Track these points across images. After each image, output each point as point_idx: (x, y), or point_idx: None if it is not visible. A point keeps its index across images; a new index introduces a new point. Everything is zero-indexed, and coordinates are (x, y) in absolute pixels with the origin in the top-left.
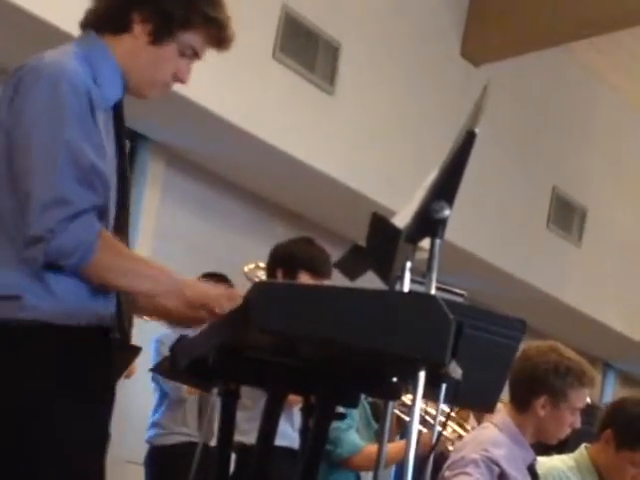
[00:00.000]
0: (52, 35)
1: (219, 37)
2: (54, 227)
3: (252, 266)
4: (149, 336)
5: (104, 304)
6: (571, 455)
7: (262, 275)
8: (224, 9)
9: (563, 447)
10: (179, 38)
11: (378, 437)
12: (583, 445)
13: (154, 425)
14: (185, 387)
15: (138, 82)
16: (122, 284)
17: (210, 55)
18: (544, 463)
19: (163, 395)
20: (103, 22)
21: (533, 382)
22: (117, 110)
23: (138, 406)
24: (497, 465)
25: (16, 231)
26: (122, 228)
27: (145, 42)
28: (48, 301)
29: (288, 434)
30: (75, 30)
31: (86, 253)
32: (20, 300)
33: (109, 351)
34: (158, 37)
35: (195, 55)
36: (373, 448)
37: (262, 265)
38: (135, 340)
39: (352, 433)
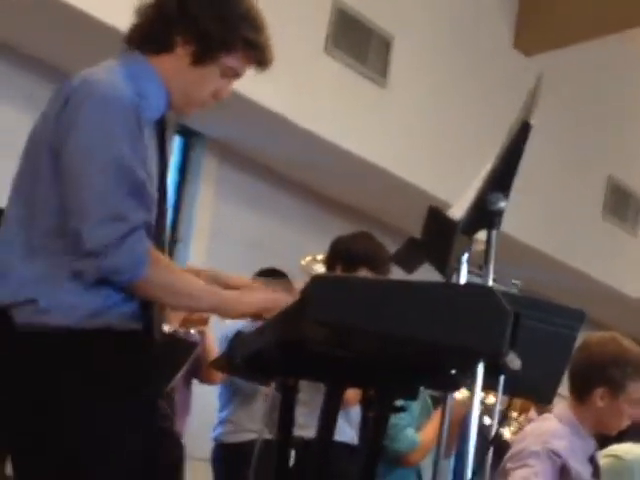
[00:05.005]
0: (100, 31)
1: (259, 59)
2: (109, 243)
3: (309, 259)
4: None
5: (130, 306)
6: None
7: (319, 268)
8: (265, 31)
9: (622, 438)
10: (220, 60)
11: None
12: None
13: (224, 422)
14: None
15: (177, 100)
16: (170, 301)
17: None
18: (632, 450)
19: (234, 391)
20: (146, 42)
21: (591, 373)
22: (161, 124)
23: (204, 403)
24: (558, 456)
25: (51, 242)
26: (159, 242)
27: (187, 63)
28: (68, 306)
29: (346, 432)
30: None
31: (137, 270)
32: (35, 304)
33: (141, 352)
34: (200, 59)
35: (236, 75)
36: (425, 437)
37: (319, 257)
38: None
39: (409, 430)
